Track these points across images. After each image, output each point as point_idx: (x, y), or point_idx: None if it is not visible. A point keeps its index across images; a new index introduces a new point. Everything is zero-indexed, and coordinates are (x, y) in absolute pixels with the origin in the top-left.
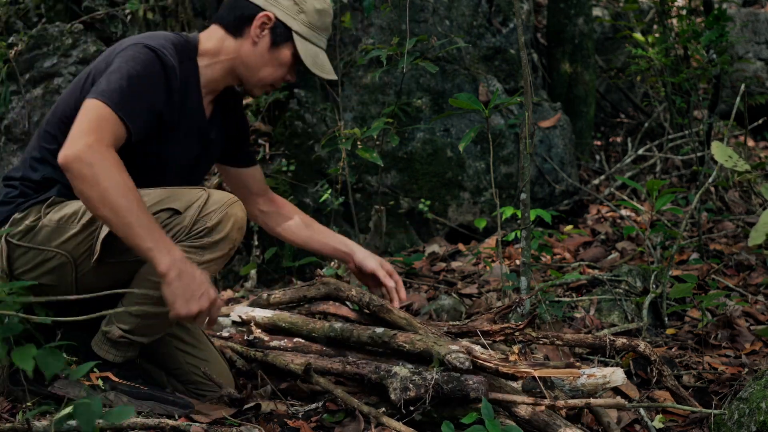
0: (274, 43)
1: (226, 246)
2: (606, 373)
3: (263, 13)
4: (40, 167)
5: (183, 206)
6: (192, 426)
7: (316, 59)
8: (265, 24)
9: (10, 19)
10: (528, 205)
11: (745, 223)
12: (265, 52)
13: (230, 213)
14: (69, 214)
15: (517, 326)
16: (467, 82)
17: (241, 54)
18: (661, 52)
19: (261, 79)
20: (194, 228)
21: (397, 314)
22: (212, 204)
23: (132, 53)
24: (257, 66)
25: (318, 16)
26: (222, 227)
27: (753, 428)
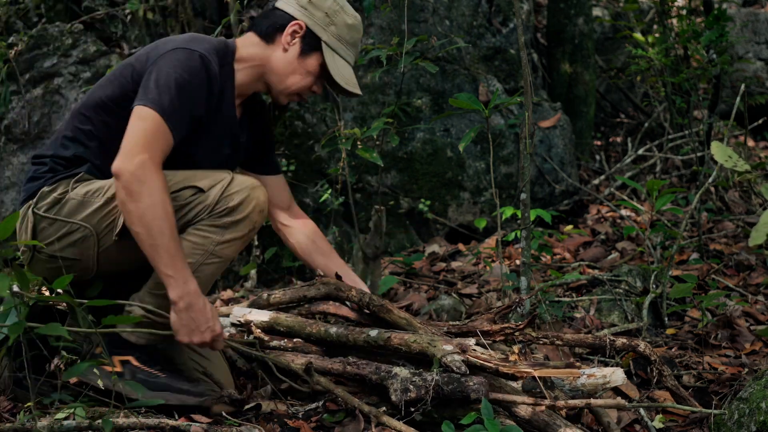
0: (303, 51)
1: (246, 227)
2: (606, 373)
3: (295, 21)
4: (72, 145)
5: (207, 185)
6: (192, 426)
7: (342, 71)
8: (296, 32)
9: (10, 19)
10: (528, 205)
11: (745, 223)
12: (294, 59)
13: (252, 195)
14: (94, 189)
15: (516, 326)
16: (467, 82)
17: (271, 60)
18: (661, 52)
19: (288, 86)
20: (217, 206)
21: (397, 314)
22: (235, 185)
23: (181, 58)
24: (285, 73)
25: (347, 31)
26: (243, 208)
27: (753, 428)
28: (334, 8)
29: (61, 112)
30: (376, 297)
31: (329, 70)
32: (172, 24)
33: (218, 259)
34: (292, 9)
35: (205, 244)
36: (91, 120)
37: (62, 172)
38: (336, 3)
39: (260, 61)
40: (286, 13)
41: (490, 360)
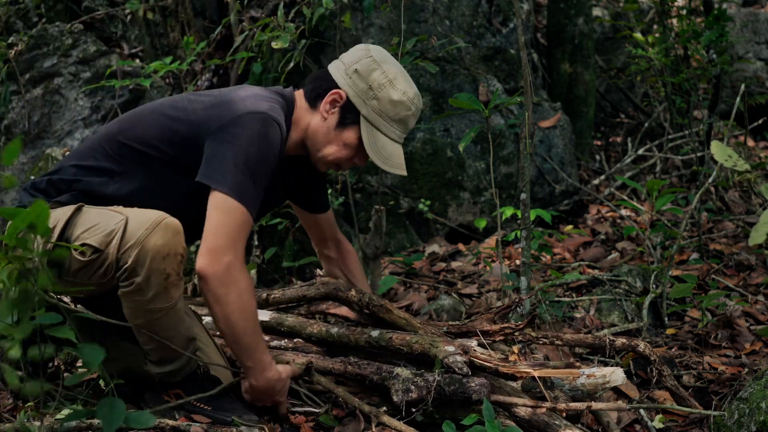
0: (340, 122)
1: (160, 278)
2: (606, 373)
3: (336, 90)
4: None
5: (103, 242)
6: (192, 426)
7: (381, 148)
8: (335, 101)
9: (10, 19)
10: (528, 205)
11: (745, 223)
12: (331, 129)
13: (147, 247)
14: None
15: (516, 326)
16: (467, 82)
17: (311, 126)
18: (661, 52)
19: (324, 155)
20: (120, 266)
21: (396, 314)
22: (129, 238)
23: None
24: (322, 142)
25: (392, 107)
26: (142, 264)
27: (753, 428)
28: (380, 81)
29: (61, 112)
30: (376, 297)
31: (365, 145)
32: (172, 24)
33: (163, 312)
34: (339, 75)
35: (140, 307)
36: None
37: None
38: (384, 75)
39: (303, 124)
40: (332, 79)
41: (490, 360)
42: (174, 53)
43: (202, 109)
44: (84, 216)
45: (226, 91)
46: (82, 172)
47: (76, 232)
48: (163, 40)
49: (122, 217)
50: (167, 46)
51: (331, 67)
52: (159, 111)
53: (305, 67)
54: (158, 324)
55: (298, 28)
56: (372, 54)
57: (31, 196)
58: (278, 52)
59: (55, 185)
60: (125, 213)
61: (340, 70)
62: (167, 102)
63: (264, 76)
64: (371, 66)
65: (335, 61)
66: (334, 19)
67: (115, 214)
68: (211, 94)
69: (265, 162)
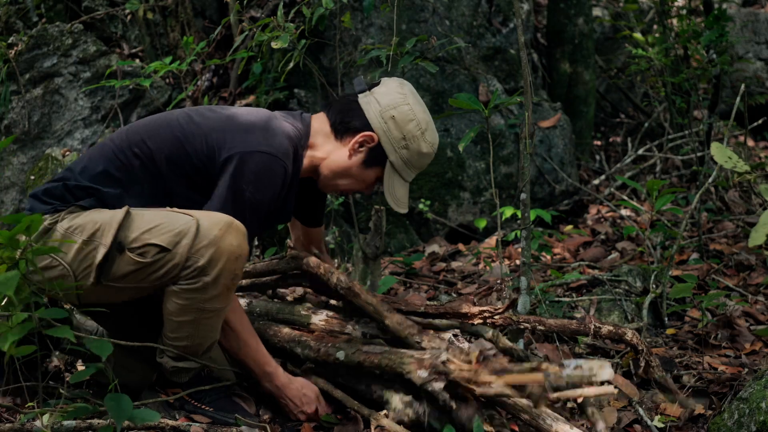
0: (366, 162)
1: (227, 279)
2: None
3: (369, 133)
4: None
5: (171, 242)
6: (192, 426)
7: (396, 191)
8: (366, 142)
9: (10, 19)
10: (528, 205)
11: (745, 223)
12: (354, 166)
13: (222, 248)
14: (76, 225)
15: (496, 309)
16: (467, 82)
17: (332, 157)
18: (661, 52)
19: (339, 185)
20: (187, 265)
21: (364, 299)
22: (202, 238)
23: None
24: (342, 174)
25: (418, 158)
26: (214, 264)
27: (753, 428)
28: (414, 133)
29: (61, 112)
30: (344, 278)
31: (384, 189)
32: (172, 24)
33: (213, 312)
34: (373, 116)
35: (193, 304)
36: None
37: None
38: (418, 127)
39: (322, 153)
40: (364, 116)
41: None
42: (174, 53)
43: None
44: (139, 218)
45: (243, 114)
46: (96, 179)
47: (133, 235)
48: (163, 40)
49: (190, 218)
50: (167, 46)
51: (364, 102)
52: (174, 126)
53: (305, 66)
54: (204, 323)
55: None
56: (409, 101)
57: (44, 204)
58: (278, 52)
59: (72, 191)
60: (192, 213)
61: (375, 111)
62: (182, 117)
63: (264, 76)
64: (409, 116)
65: (368, 96)
66: (334, 19)
67: (180, 214)
68: (226, 114)
69: (266, 204)
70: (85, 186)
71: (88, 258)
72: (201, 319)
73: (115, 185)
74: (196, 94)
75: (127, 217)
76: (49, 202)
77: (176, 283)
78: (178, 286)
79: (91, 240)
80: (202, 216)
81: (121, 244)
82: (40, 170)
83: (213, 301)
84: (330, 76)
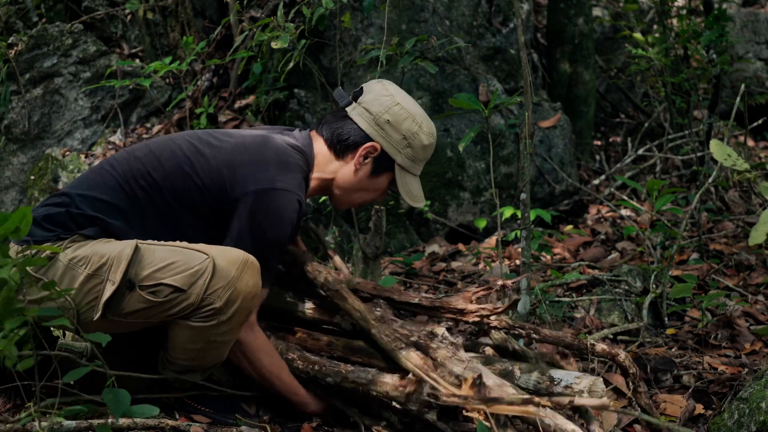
0: (374, 171)
1: (242, 315)
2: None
3: (370, 143)
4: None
5: (186, 283)
6: (192, 426)
7: (410, 188)
8: (370, 153)
9: (10, 19)
10: (528, 205)
11: (745, 223)
12: (364, 178)
13: (239, 288)
14: (80, 257)
15: (494, 309)
16: (467, 82)
17: (339, 176)
18: (661, 52)
19: (353, 200)
20: (202, 305)
21: (351, 304)
22: (218, 280)
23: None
24: (353, 189)
25: (422, 151)
26: (231, 304)
27: (753, 428)
28: (412, 130)
29: (61, 112)
30: (332, 278)
31: (399, 189)
32: (172, 24)
33: (222, 343)
34: (367, 126)
35: (204, 336)
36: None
37: (72, 230)
38: (414, 122)
39: (328, 174)
40: (359, 129)
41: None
42: (174, 53)
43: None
44: (149, 254)
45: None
46: (101, 210)
47: (145, 272)
48: (163, 40)
49: (206, 257)
50: (167, 46)
51: (354, 115)
52: (179, 157)
53: (305, 66)
54: (212, 351)
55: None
56: (398, 100)
57: (45, 230)
58: (278, 52)
59: (75, 219)
60: (206, 251)
61: (369, 121)
62: (187, 147)
63: (264, 76)
64: (402, 115)
65: (356, 107)
66: (334, 19)
67: (194, 251)
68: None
69: (285, 240)
70: (90, 215)
71: (93, 292)
72: (209, 348)
73: (120, 216)
74: (196, 94)
75: (136, 252)
76: (50, 229)
77: (188, 319)
78: (191, 321)
79: (97, 274)
80: (217, 254)
81: (131, 281)
82: (40, 170)
83: (225, 335)
84: (330, 76)
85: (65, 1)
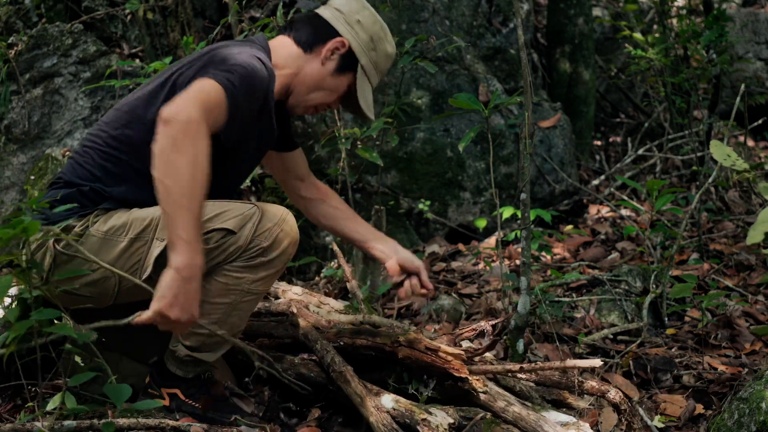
0: (338, 69)
1: (281, 262)
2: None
3: (340, 39)
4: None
5: (237, 225)
6: (192, 426)
7: (367, 96)
8: (338, 49)
9: (10, 19)
10: (528, 205)
11: (745, 223)
12: (327, 75)
13: (285, 230)
14: (117, 226)
15: (475, 351)
16: (467, 82)
17: (304, 70)
18: (660, 52)
19: (311, 99)
20: (249, 247)
21: (353, 388)
22: (266, 222)
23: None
24: (314, 86)
25: (384, 59)
26: (277, 245)
27: (753, 428)
28: (379, 34)
29: (61, 112)
30: (338, 360)
31: (357, 93)
32: (172, 24)
33: (253, 296)
34: (338, 23)
35: (239, 284)
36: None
37: (90, 207)
38: (382, 29)
39: (292, 69)
40: (330, 26)
41: None
42: (174, 53)
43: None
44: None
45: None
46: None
47: None
48: (163, 40)
49: (252, 205)
50: (167, 46)
51: (326, 14)
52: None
53: None
54: (240, 307)
55: None
56: (367, 6)
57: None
58: None
59: (87, 196)
60: (252, 203)
61: (340, 19)
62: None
63: None
64: (372, 18)
65: (327, 8)
66: None
67: (241, 203)
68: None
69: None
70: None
71: (137, 255)
72: (239, 302)
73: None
74: None
75: None
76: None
77: (231, 262)
78: (231, 266)
79: (140, 237)
80: (261, 204)
81: None
82: (40, 170)
83: (258, 283)
84: None
85: (65, 1)
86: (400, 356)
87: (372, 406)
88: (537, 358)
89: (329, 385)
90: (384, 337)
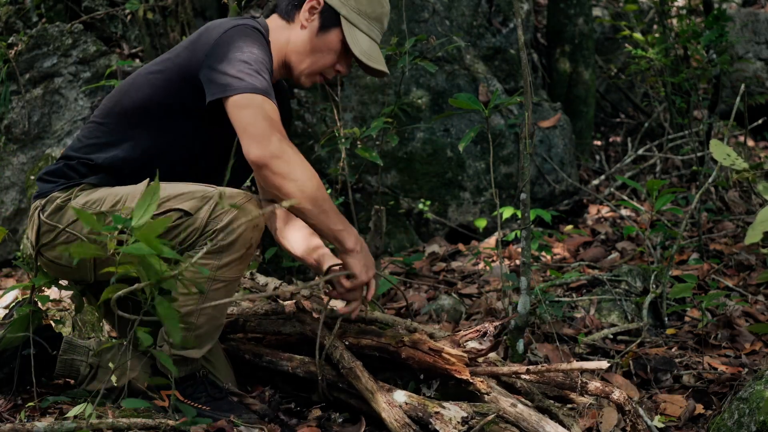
0: (322, 27)
1: (242, 246)
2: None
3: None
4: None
5: (194, 207)
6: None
7: (363, 46)
8: (314, 8)
9: (10, 19)
10: (528, 205)
11: (745, 223)
12: (313, 36)
13: (242, 213)
14: (93, 199)
15: (478, 352)
16: (467, 82)
17: (291, 40)
18: (661, 52)
19: (309, 65)
20: (206, 230)
21: (364, 384)
22: (223, 204)
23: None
24: (305, 51)
25: (368, 4)
26: (233, 227)
27: (753, 428)
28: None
29: (61, 112)
30: (348, 356)
31: (349, 44)
32: (172, 24)
33: (222, 284)
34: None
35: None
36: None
37: (75, 179)
38: None
39: (283, 43)
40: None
41: None
42: None
43: (184, 49)
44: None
45: (201, 29)
46: (96, 151)
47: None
48: (163, 40)
49: (213, 188)
50: (167, 46)
51: None
52: (144, 73)
53: None
54: (210, 296)
55: None
56: None
57: (47, 183)
58: None
59: (74, 168)
60: (214, 187)
61: None
62: (148, 64)
63: None
64: None
65: None
66: None
67: (204, 186)
68: (187, 39)
69: (261, 56)
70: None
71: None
72: (208, 291)
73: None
74: None
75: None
76: (53, 180)
77: (192, 247)
78: (195, 250)
79: (112, 210)
80: (224, 189)
81: None
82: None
83: (224, 269)
84: None
85: (65, 1)
86: (403, 356)
87: (383, 401)
88: (537, 358)
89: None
90: (389, 338)
